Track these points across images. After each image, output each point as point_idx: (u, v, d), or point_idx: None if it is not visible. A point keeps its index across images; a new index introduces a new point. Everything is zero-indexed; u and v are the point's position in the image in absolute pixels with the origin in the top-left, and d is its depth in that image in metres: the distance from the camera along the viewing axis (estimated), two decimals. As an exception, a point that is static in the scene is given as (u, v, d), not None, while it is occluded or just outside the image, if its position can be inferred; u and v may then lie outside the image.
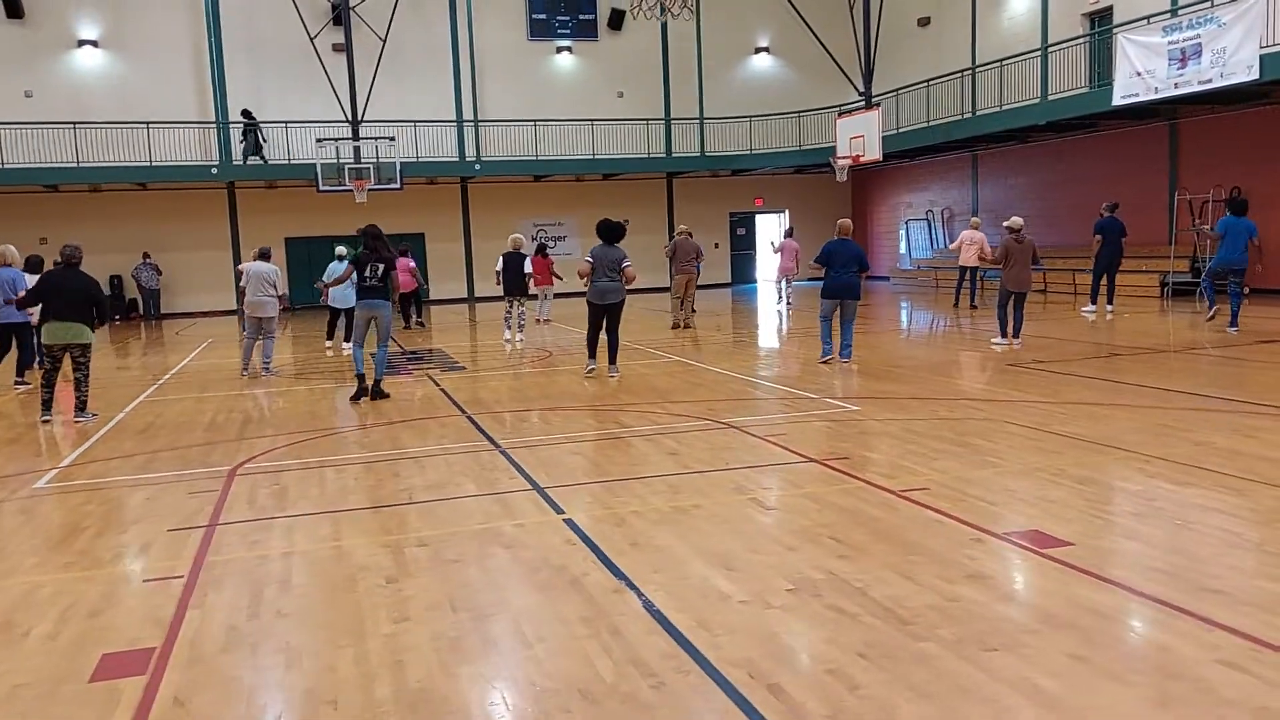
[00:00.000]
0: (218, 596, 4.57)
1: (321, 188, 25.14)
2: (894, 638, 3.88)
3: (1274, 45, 15.90)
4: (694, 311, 17.98)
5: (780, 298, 21.78)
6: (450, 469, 7.11)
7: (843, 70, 24.01)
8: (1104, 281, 17.18)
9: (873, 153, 22.37)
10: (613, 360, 11.53)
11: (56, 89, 26.83)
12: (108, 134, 26.08)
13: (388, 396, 10.53)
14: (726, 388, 10.62)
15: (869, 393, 9.84)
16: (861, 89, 23.08)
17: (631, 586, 4.53)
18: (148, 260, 27.37)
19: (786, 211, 33.03)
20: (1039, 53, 21.21)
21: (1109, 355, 11.96)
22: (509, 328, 16.39)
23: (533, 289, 17.68)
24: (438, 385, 11.64)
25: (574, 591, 4.51)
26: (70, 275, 9.89)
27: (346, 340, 15.65)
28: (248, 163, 26.45)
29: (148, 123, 26.09)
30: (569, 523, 5.62)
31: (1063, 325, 15.81)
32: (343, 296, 15.65)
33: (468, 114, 29.19)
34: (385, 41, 26.22)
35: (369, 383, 10.58)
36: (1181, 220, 20.07)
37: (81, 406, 9.95)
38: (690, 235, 21.25)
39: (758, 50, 32.06)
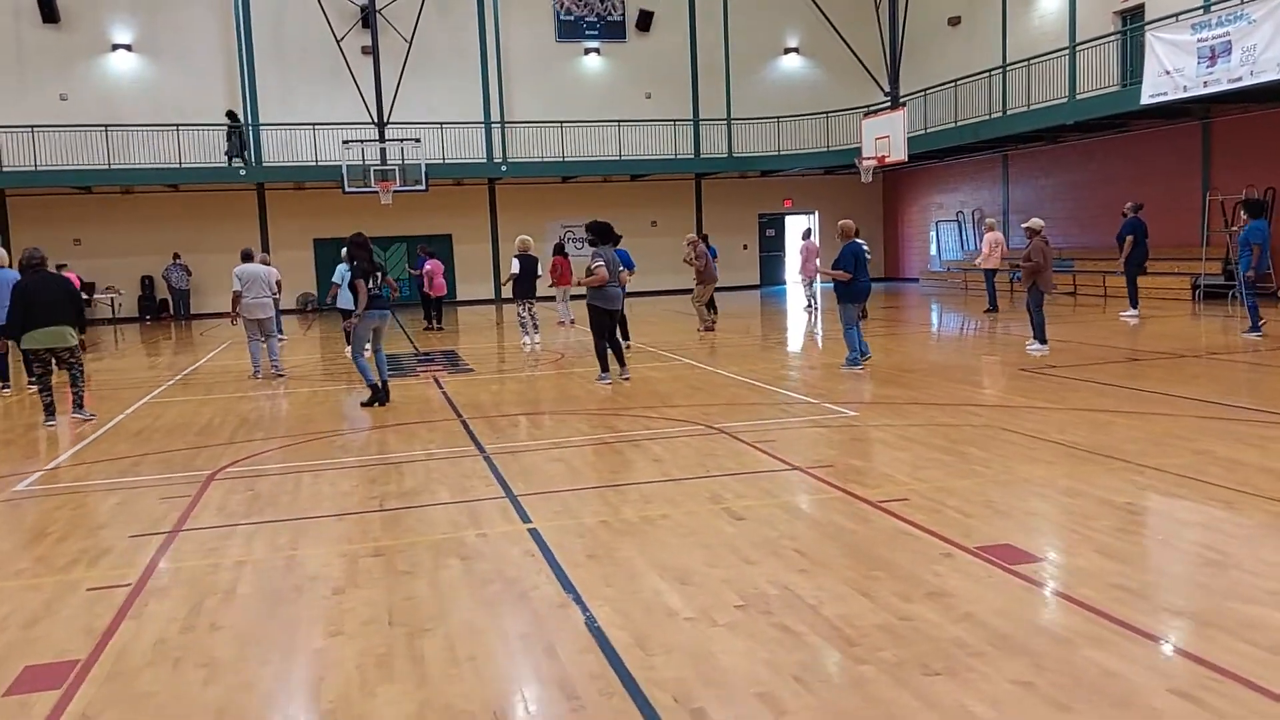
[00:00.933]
0: (158, 607, 4.50)
1: (347, 189, 25.28)
2: (834, 659, 3.73)
3: (1306, 41, 15.41)
4: (715, 311, 17.79)
5: (808, 300, 21.49)
6: (428, 476, 7.02)
7: (868, 70, 23.72)
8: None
9: (898, 153, 22.05)
10: (623, 362, 11.35)
11: (91, 92, 27.20)
12: (139, 136, 26.41)
13: (389, 399, 10.46)
14: (728, 391, 10.46)
15: (871, 398, 9.64)
16: (887, 89, 22.72)
17: (579, 601, 4.40)
18: (178, 261, 27.66)
19: (816, 213, 32.71)
20: (1067, 51, 20.77)
21: (1128, 360, 11.64)
22: (526, 331, 16.26)
23: (548, 289, 17.59)
24: (441, 388, 11.58)
25: (520, 606, 4.39)
26: (45, 280, 9.84)
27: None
28: (231, 165, 26.52)
29: (177, 125, 26.36)
30: (533, 533, 5.50)
31: (1087, 328, 15.45)
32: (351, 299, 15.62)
33: (496, 116, 29.22)
34: (411, 44, 26.33)
35: (378, 384, 10.39)
36: (1214, 222, 19.59)
37: (79, 403, 10.00)
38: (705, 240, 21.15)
39: (787, 51, 31.78)
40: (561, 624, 4.16)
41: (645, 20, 30.29)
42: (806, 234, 21.86)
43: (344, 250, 15.75)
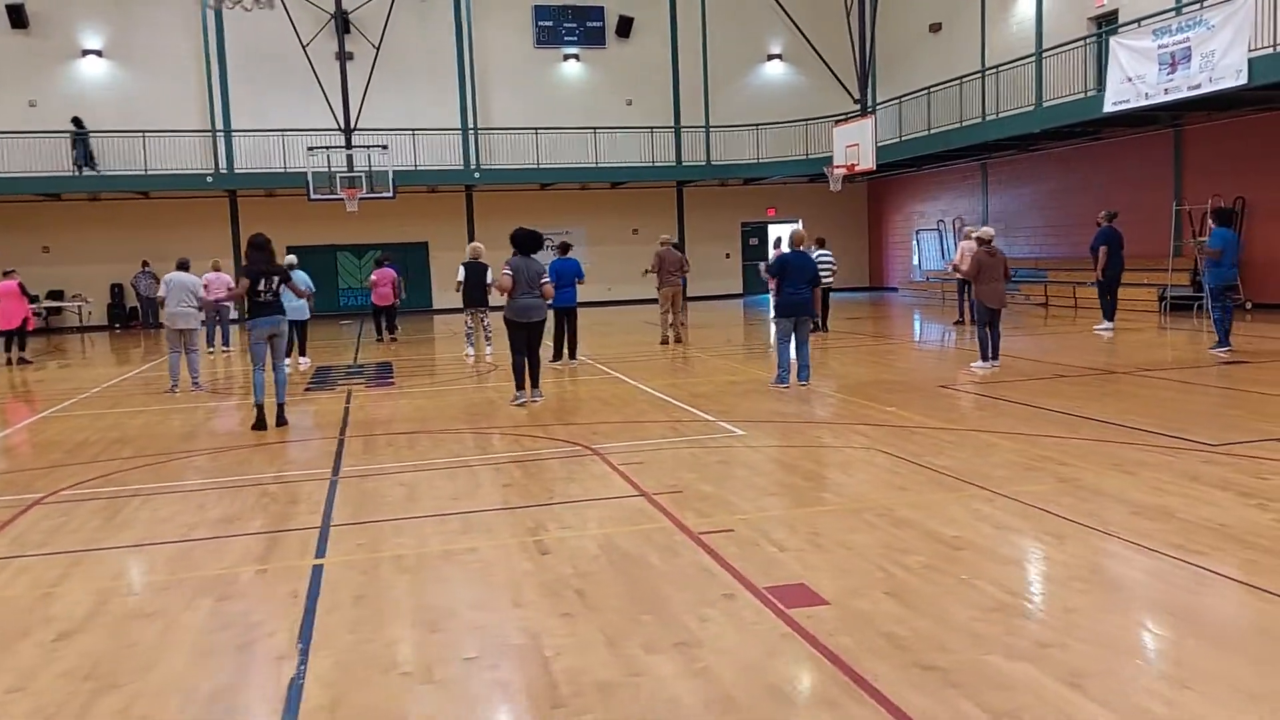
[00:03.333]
0: None
1: (313, 196, 25.04)
2: (524, 725, 3.39)
3: (1264, 48, 14.99)
4: (684, 325, 17.33)
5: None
6: (253, 502, 6.71)
7: (837, 78, 23.33)
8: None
9: (867, 162, 21.65)
10: (535, 383, 10.77)
11: (60, 98, 27.04)
12: (110, 143, 26.28)
13: (286, 422, 10.05)
14: (635, 408, 10.12)
15: (771, 416, 9.28)
16: (858, 96, 22.34)
17: (304, 653, 4.07)
18: (146, 269, 27.45)
19: (800, 221, 32.27)
20: (1034, 58, 20.35)
21: (1054, 376, 11.24)
22: (470, 341, 15.95)
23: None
24: (346, 403, 11.28)
25: (232, 659, 4.06)
26: None
27: (302, 354, 15.39)
28: (81, 174, 26.13)
29: (144, 131, 26.21)
30: (316, 570, 5.18)
31: (1044, 341, 15.05)
32: (294, 308, 15.26)
33: (474, 123, 28.95)
34: (379, 50, 26.12)
35: (270, 409, 9.82)
36: (1184, 232, 19.15)
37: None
38: (675, 246, 20.78)
39: (770, 58, 31.42)
40: (265, 681, 3.83)
41: (625, 26, 30.00)
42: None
43: (288, 257, 15.61)
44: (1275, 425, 7.87)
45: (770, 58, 31.31)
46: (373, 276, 19.32)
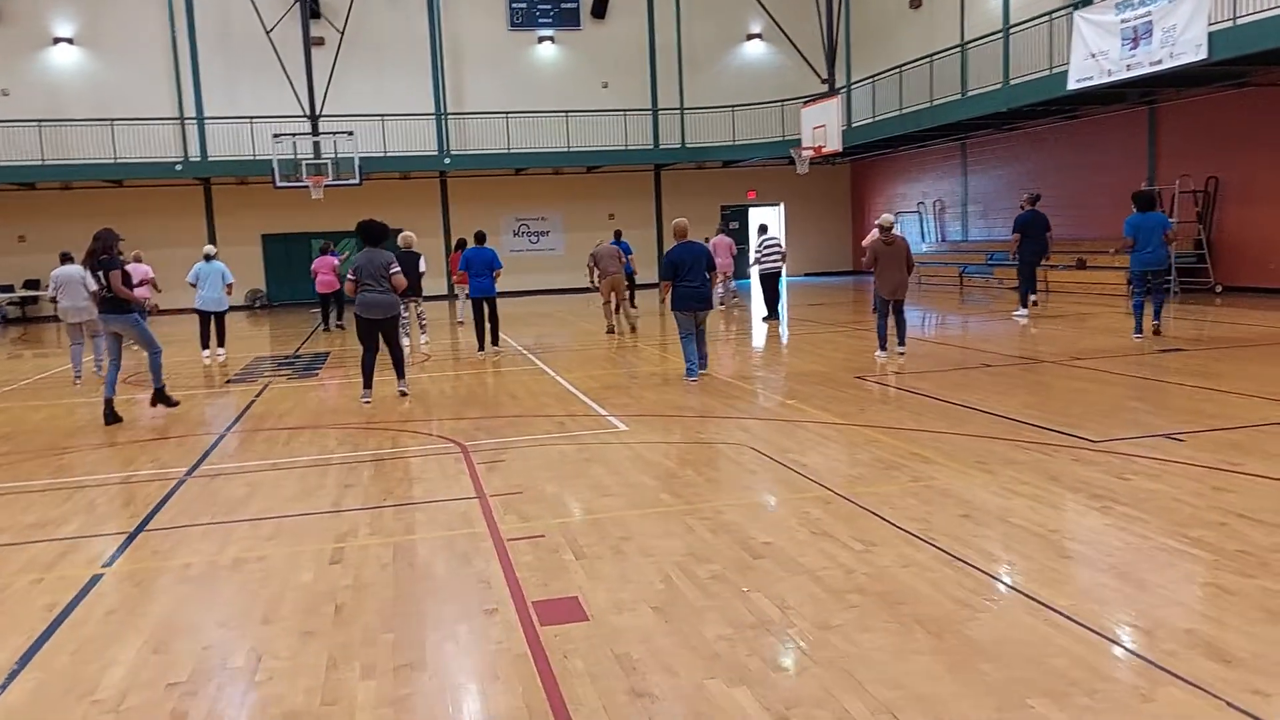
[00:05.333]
0: None
1: (278, 184, 24.85)
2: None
3: (1223, 21, 14.53)
4: (636, 314, 17.05)
5: (722, 298, 20.52)
6: (84, 504, 6.50)
7: (804, 57, 22.92)
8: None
9: (834, 143, 21.30)
10: (401, 374, 10.37)
11: (32, 86, 26.95)
12: (83, 132, 26.14)
13: (177, 404, 9.87)
14: (535, 401, 9.87)
15: (667, 410, 9.01)
16: (825, 75, 21.94)
17: (12, 675, 3.85)
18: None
19: (781, 205, 31.95)
20: (1001, 34, 19.87)
21: (980, 366, 10.92)
22: (406, 332, 15.64)
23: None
24: (256, 397, 11.07)
25: (-60, 677, 3.84)
26: None
27: (220, 346, 15.08)
28: None
29: (113, 120, 26.08)
30: (94, 579, 4.96)
31: (979, 328, 14.69)
32: (213, 300, 14.92)
33: (448, 107, 28.66)
34: (343, 35, 25.90)
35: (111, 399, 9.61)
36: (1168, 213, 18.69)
37: None
38: (617, 237, 20.44)
39: (750, 37, 30.97)
40: (-56, 705, 3.60)
41: (601, 7, 29.63)
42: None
43: (206, 248, 15.38)
44: (1169, 420, 7.55)
45: (750, 37, 30.86)
46: (313, 265, 19.10)
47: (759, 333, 15.84)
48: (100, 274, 9.31)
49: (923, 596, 4.23)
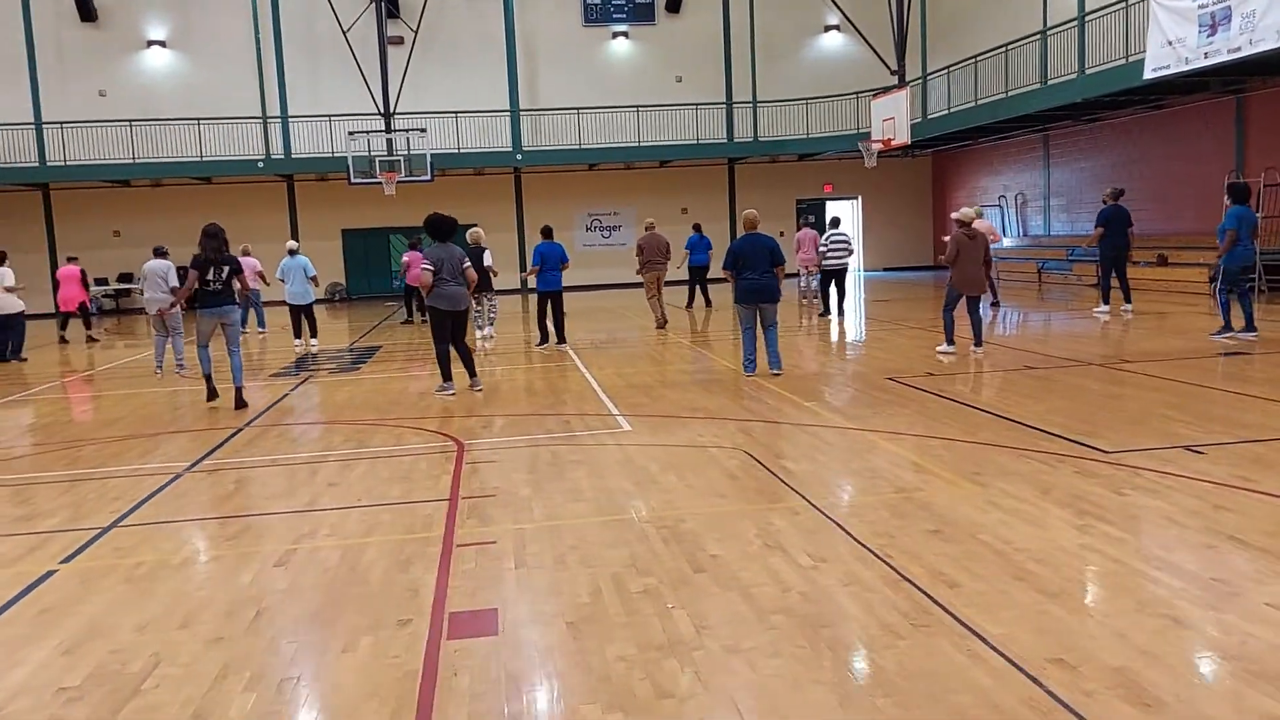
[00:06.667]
0: None
1: (353, 180, 25.27)
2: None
3: (1309, 3, 13.61)
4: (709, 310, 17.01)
5: (804, 293, 20.18)
6: (74, 497, 6.63)
7: (873, 49, 22.33)
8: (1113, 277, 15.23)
9: (903, 136, 20.72)
10: (473, 372, 10.48)
11: (127, 88, 27.96)
12: (173, 131, 27.02)
13: (246, 405, 10.06)
14: (554, 398, 9.82)
15: (679, 410, 8.82)
16: (894, 67, 21.35)
17: (-80, 669, 3.89)
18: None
19: (859, 198, 31.33)
20: (1076, 22, 19.02)
21: (1021, 368, 10.44)
22: (478, 325, 15.83)
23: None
24: (290, 390, 11.23)
25: None
26: None
27: (313, 337, 15.55)
28: None
29: (199, 119, 26.87)
30: (46, 575, 5.03)
31: (1053, 326, 14.09)
32: (299, 293, 15.57)
33: (523, 103, 28.78)
34: (416, 33, 26.21)
35: (232, 390, 10.14)
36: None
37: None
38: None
39: (827, 29, 30.37)
40: None
41: (675, 1, 29.37)
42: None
43: (289, 243, 15.71)
44: (1199, 430, 7.06)
45: (828, 29, 30.25)
46: (404, 258, 19.36)
47: (814, 330, 15.48)
48: (225, 269, 9.83)
49: (849, 619, 3.99)
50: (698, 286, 20.33)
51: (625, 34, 29.67)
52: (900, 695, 3.33)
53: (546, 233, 14.60)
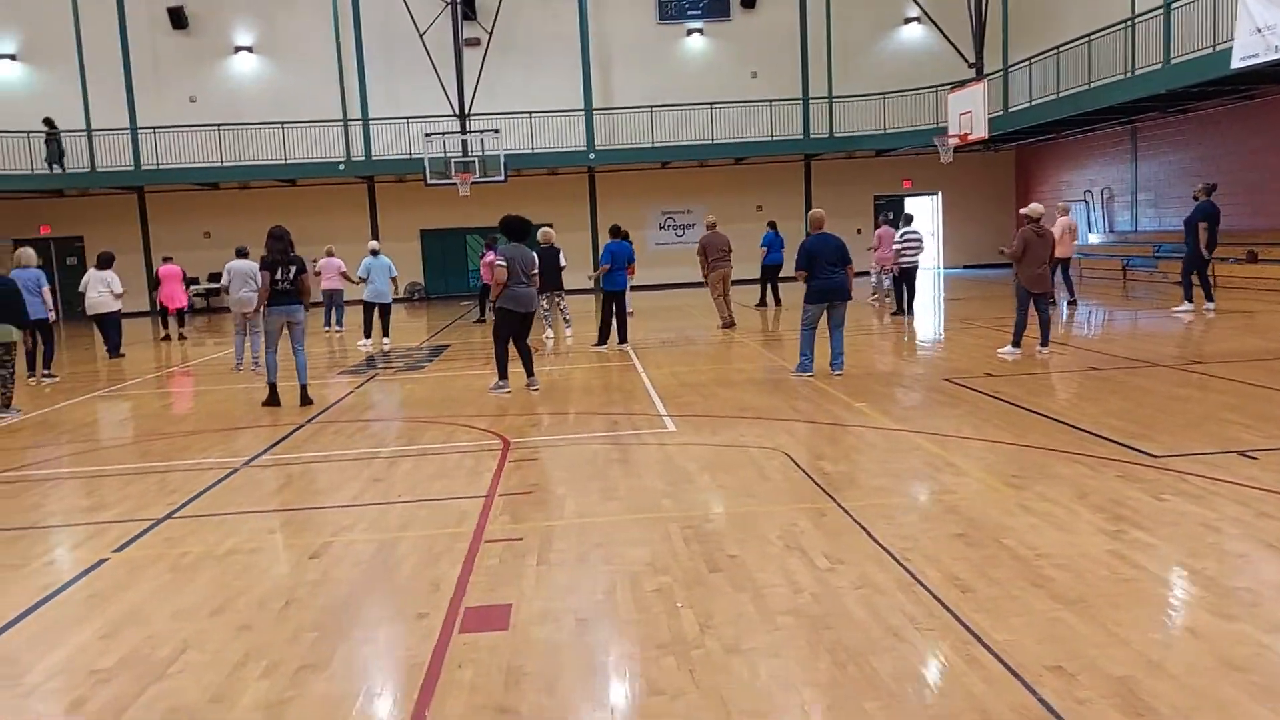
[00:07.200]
0: None
1: (429, 181, 25.75)
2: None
3: (1405, -13, 12.99)
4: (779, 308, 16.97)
5: (876, 292, 19.90)
6: (137, 488, 6.93)
7: (949, 40, 21.92)
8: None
9: (979, 130, 20.33)
10: (531, 371, 10.62)
11: (216, 93, 28.89)
12: (259, 134, 27.87)
13: (311, 402, 10.35)
14: (605, 397, 9.92)
15: (729, 410, 8.83)
16: (972, 60, 20.94)
17: (-32, 651, 4.15)
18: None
19: (939, 194, 30.81)
20: (1161, 10, 18.42)
21: (1086, 369, 10.20)
22: (548, 324, 16.06)
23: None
24: (356, 388, 11.54)
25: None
26: None
27: (384, 335, 15.99)
28: (51, 171, 27.06)
29: (283, 122, 27.65)
30: (98, 563, 5.29)
31: (1128, 326, 13.71)
32: (381, 292, 15.97)
33: (596, 102, 28.96)
34: (491, 34, 26.53)
35: (295, 388, 10.41)
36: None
37: (5, 404, 10.52)
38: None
39: (907, 21, 29.91)
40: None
41: (750, -3, 29.24)
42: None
43: (371, 244, 16.11)
44: (1259, 435, 6.84)
45: (907, 21, 29.78)
46: (486, 257, 19.65)
47: (884, 330, 15.30)
48: (291, 269, 10.13)
49: (855, 622, 3.99)
50: (769, 285, 20.25)
51: (700, 30, 29.63)
52: (889, 699, 3.33)
53: (616, 232, 14.72)
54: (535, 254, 15.47)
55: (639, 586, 4.52)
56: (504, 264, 10.16)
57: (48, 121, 27.23)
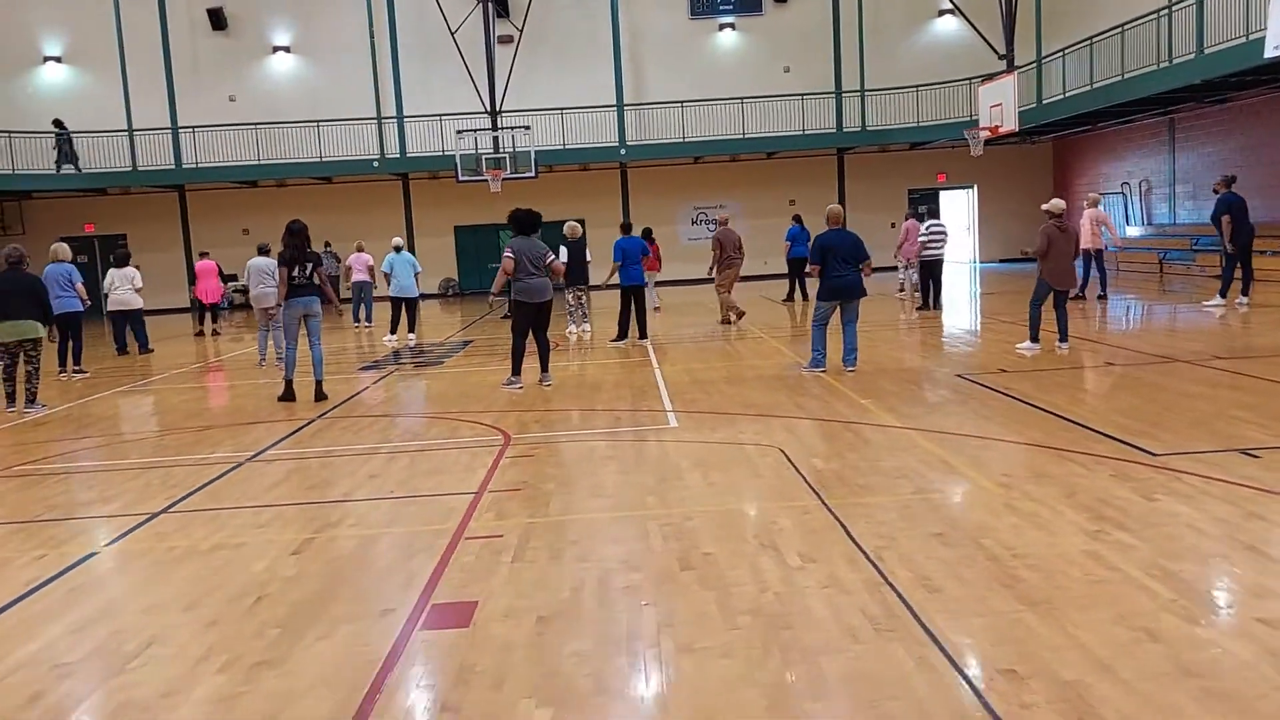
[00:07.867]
0: None
1: (460, 178, 25.89)
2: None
3: None
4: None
5: (904, 288, 19.73)
6: (139, 483, 7.04)
7: (979, 33, 21.62)
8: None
9: (1010, 123, 20.06)
10: (546, 366, 10.68)
11: (254, 92, 29.30)
12: (295, 132, 28.20)
13: (326, 398, 10.46)
14: (612, 394, 9.89)
15: (732, 406, 8.79)
16: (1002, 51, 20.64)
17: (-54, 642, 4.24)
18: (329, 249, 29.28)
19: (975, 187, 30.44)
20: (1194, 0, 18.03)
21: (1102, 365, 10.02)
22: (573, 320, 16.11)
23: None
24: (372, 384, 11.63)
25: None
26: (16, 277, 10.61)
27: (410, 331, 16.18)
28: (61, 172, 27.30)
29: (319, 121, 27.95)
30: (85, 558, 5.38)
31: (1155, 320, 13.46)
32: (405, 288, 16.13)
33: (628, 97, 28.95)
34: (522, 31, 26.60)
35: (312, 383, 10.54)
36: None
37: (31, 399, 10.74)
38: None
39: (941, 13, 29.55)
40: None
41: (783, -9, 29.06)
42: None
43: (394, 240, 16.27)
44: (1268, 433, 6.67)
45: (942, 13, 29.42)
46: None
47: (906, 325, 15.15)
48: (309, 264, 10.26)
49: (814, 622, 3.95)
50: (796, 279, 20.15)
51: (732, 25, 29.51)
52: (831, 700, 3.30)
53: (625, 228, 14.73)
54: (561, 247, 15.65)
55: (608, 585, 4.51)
56: (511, 256, 10.19)
57: (57, 123, 27.69)
